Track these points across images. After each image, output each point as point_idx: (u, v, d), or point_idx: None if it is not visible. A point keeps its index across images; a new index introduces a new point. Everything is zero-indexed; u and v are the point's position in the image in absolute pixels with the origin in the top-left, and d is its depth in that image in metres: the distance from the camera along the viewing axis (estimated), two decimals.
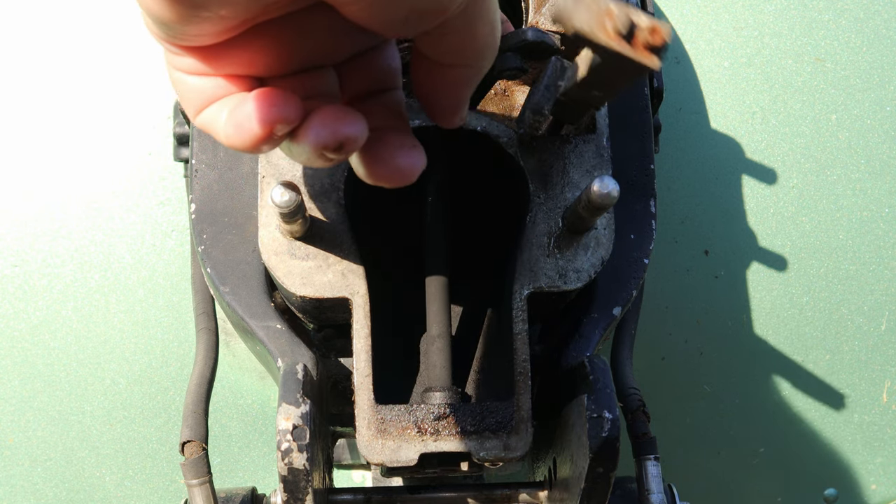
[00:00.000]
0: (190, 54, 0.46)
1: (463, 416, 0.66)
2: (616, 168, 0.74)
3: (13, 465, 1.03)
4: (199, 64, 0.47)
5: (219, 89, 0.48)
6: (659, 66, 0.48)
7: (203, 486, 0.72)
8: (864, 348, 1.06)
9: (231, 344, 1.00)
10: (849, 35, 1.04)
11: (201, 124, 0.49)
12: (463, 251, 0.76)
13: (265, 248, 0.66)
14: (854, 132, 1.03)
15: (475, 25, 0.47)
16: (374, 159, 0.50)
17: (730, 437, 1.09)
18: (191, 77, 0.48)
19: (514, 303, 0.67)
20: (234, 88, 0.48)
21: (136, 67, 0.99)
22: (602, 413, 0.63)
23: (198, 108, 0.48)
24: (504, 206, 0.77)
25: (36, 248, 0.98)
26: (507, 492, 0.76)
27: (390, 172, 0.50)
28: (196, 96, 0.48)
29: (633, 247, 0.75)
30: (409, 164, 0.50)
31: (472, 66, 0.50)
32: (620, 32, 0.47)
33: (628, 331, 0.83)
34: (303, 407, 0.62)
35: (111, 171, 0.98)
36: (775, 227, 1.03)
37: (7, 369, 1.00)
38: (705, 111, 1.02)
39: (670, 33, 0.47)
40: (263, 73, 0.48)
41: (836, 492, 1.12)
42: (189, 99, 0.48)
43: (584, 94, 0.59)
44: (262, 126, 0.44)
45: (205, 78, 0.47)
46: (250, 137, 0.45)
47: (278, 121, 0.44)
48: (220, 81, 0.47)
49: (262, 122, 0.44)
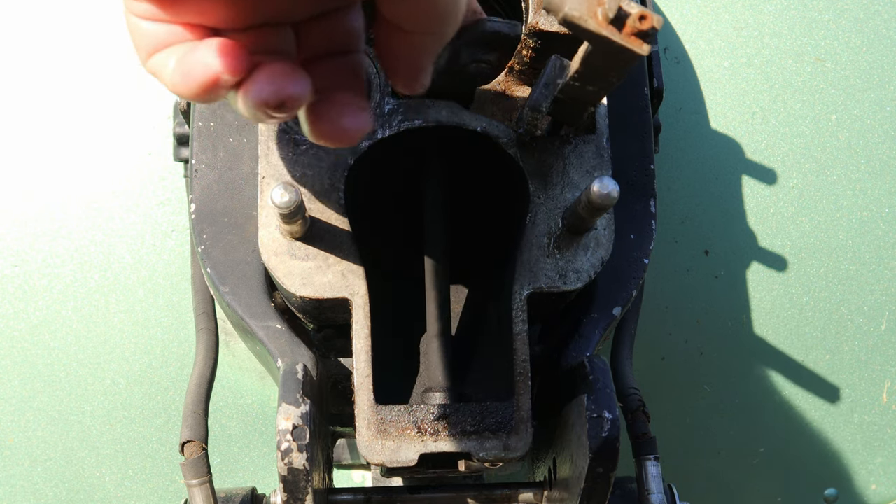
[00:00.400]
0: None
1: (463, 416, 0.66)
2: (616, 168, 0.74)
3: (13, 465, 1.03)
4: (155, 9, 0.47)
5: (171, 36, 0.48)
6: (647, 52, 0.49)
7: (203, 486, 0.72)
8: (864, 348, 1.06)
9: (231, 344, 1.00)
10: (849, 35, 1.04)
11: (150, 69, 0.49)
12: (463, 251, 0.76)
13: (265, 248, 0.66)
14: (854, 132, 1.03)
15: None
16: (317, 117, 0.50)
17: (730, 437, 1.09)
18: (145, 22, 0.48)
19: (513, 303, 0.67)
20: (187, 36, 0.48)
21: (137, 67, 0.98)
22: (602, 413, 0.63)
23: (149, 52, 0.49)
24: (504, 206, 0.77)
25: (36, 248, 0.98)
26: (507, 492, 0.76)
27: (333, 131, 0.50)
28: (148, 41, 0.48)
29: (633, 247, 0.75)
30: (353, 125, 0.50)
31: (432, 33, 0.51)
32: (610, 19, 0.48)
33: (628, 331, 0.83)
34: (303, 407, 0.62)
35: (111, 171, 0.98)
36: (775, 227, 1.03)
37: (7, 369, 1.00)
38: (705, 111, 1.02)
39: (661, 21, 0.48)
40: (219, 25, 0.49)
41: (836, 492, 1.12)
42: (141, 43, 0.49)
43: (579, 89, 0.59)
44: (208, 75, 0.45)
45: (159, 24, 0.48)
46: (195, 85, 0.46)
47: (224, 71, 0.45)
48: (174, 28, 0.48)
49: (208, 72, 0.45)
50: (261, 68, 0.46)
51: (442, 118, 0.68)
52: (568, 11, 0.49)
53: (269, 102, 0.46)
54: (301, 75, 0.47)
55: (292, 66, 0.47)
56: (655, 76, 0.84)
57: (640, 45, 0.49)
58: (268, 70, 0.46)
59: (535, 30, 0.64)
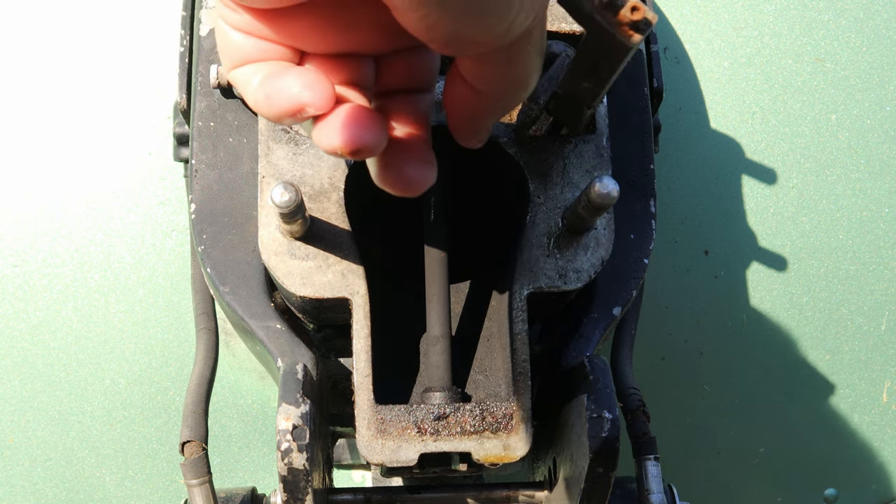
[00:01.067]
0: (245, 12, 0.47)
1: (463, 416, 0.66)
2: (616, 168, 0.74)
3: (13, 465, 1.03)
4: (251, 23, 0.47)
5: (259, 52, 0.48)
6: (637, 43, 0.49)
7: (203, 486, 0.72)
8: (864, 348, 1.06)
9: (231, 344, 1.00)
10: (849, 35, 1.04)
11: (233, 79, 0.49)
12: (463, 251, 0.76)
13: (265, 248, 0.66)
14: (854, 132, 1.03)
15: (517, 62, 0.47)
16: (384, 163, 0.50)
17: (730, 437, 1.09)
18: (237, 33, 0.48)
19: (513, 303, 0.67)
20: (274, 55, 0.48)
21: (137, 68, 0.98)
22: (602, 413, 0.63)
23: (234, 63, 0.49)
24: (504, 205, 0.77)
25: (36, 248, 0.98)
26: (507, 492, 0.76)
27: (397, 181, 0.50)
28: (236, 52, 0.48)
29: (633, 247, 0.75)
30: (418, 177, 0.50)
31: (503, 98, 0.50)
32: (604, 4, 0.48)
33: (628, 331, 0.83)
34: (303, 407, 0.62)
35: (111, 171, 0.98)
36: (775, 227, 1.03)
37: (7, 369, 1.00)
38: (705, 111, 1.02)
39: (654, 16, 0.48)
40: (307, 49, 0.49)
41: (836, 492, 1.12)
42: (228, 53, 0.49)
43: (575, 84, 0.59)
44: (292, 105, 0.45)
45: (250, 38, 0.48)
46: (276, 111, 0.46)
47: (308, 105, 0.45)
48: (264, 45, 0.48)
49: (292, 102, 0.45)
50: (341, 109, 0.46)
51: (442, 118, 0.68)
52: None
53: (344, 149, 0.46)
54: (378, 123, 0.47)
55: (371, 113, 0.47)
56: (655, 76, 0.84)
57: (631, 36, 0.49)
58: (348, 114, 0.46)
59: None
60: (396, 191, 0.51)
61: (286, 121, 0.46)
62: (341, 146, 0.46)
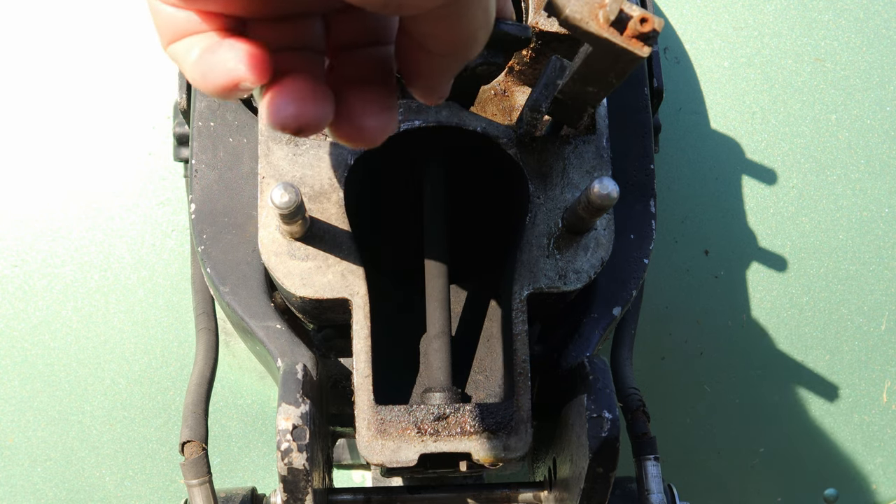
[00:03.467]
0: None
1: (463, 416, 0.66)
2: (616, 168, 0.74)
3: (13, 465, 1.03)
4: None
5: (192, 24, 0.45)
6: (648, 54, 0.49)
7: (203, 486, 0.72)
8: (864, 348, 1.06)
9: (231, 344, 1.00)
10: (849, 35, 1.04)
11: (171, 55, 0.47)
12: (463, 252, 0.76)
13: (265, 248, 0.66)
14: (854, 132, 1.03)
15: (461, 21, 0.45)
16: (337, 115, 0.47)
17: (730, 437, 1.09)
18: (167, 6, 0.45)
19: (513, 303, 0.67)
20: (208, 25, 0.45)
21: (136, 68, 0.98)
22: (602, 413, 0.63)
23: (169, 39, 0.46)
24: (504, 206, 0.77)
25: (36, 248, 0.98)
26: (507, 492, 0.76)
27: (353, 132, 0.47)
28: (169, 27, 0.46)
29: (633, 247, 0.75)
30: (376, 126, 0.47)
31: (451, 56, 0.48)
32: (611, 21, 0.48)
33: (628, 331, 0.83)
34: (303, 407, 0.62)
35: (111, 171, 0.98)
36: (775, 227, 1.03)
37: (7, 369, 1.00)
38: (705, 111, 1.02)
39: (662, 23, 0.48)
40: (242, 13, 0.46)
41: (836, 492, 1.12)
42: (162, 29, 0.46)
43: (579, 89, 0.59)
44: (228, 79, 0.43)
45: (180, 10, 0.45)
46: (213, 87, 0.44)
47: (244, 78, 0.43)
48: (195, 16, 0.45)
49: (228, 77, 0.43)
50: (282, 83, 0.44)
51: (442, 118, 0.68)
52: (569, 13, 0.49)
53: (288, 126, 0.44)
54: (323, 95, 0.44)
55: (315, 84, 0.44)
56: (655, 76, 0.84)
57: (641, 48, 0.49)
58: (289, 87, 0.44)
59: (534, 30, 0.64)
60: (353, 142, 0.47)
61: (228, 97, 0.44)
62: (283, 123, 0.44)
